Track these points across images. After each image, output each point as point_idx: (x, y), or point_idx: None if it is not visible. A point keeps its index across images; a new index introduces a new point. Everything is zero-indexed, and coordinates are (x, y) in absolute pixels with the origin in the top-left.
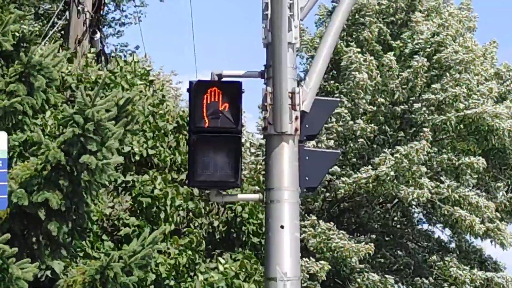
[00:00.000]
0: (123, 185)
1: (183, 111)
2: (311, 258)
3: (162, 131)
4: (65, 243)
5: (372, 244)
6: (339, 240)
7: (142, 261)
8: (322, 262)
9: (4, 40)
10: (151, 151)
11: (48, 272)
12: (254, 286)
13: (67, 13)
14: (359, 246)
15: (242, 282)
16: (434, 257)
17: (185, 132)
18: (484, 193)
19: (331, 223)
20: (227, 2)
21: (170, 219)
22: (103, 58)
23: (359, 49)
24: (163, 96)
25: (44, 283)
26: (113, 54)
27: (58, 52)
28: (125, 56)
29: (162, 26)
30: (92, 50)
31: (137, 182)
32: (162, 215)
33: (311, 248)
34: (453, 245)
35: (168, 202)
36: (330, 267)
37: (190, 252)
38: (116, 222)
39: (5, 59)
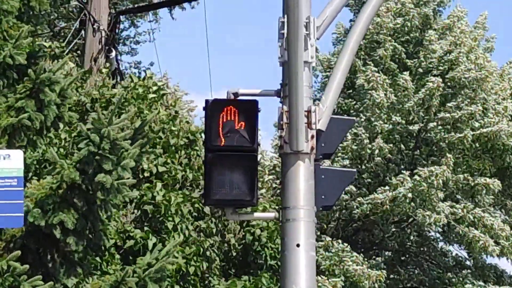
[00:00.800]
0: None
1: (195, 127)
2: (322, 276)
3: (173, 148)
4: (80, 262)
5: (384, 271)
6: (352, 263)
7: (156, 274)
8: (334, 279)
9: (16, 53)
10: (161, 168)
11: None
12: None
13: (82, 31)
14: (371, 272)
15: None
16: (449, 274)
17: (197, 148)
18: (499, 212)
19: (345, 244)
20: (243, 19)
21: (179, 228)
22: (118, 76)
23: (376, 68)
24: (176, 112)
25: None
26: (127, 71)
27: (71, 69)
28: (139, 73)
29: (177, 45)
30: (107, 67)
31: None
32: (170, 226)
33: (325, 270)
34: (468, 262)
35: (173, 209)
36: (342, 284)
37: (197, 262)
38: (122, 235)
39: (18, 74)
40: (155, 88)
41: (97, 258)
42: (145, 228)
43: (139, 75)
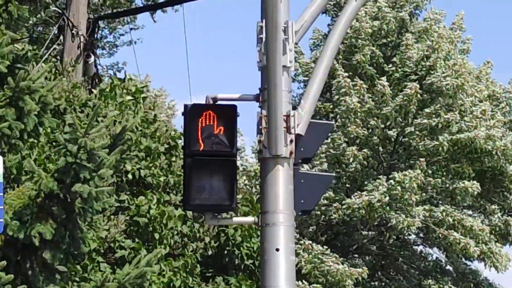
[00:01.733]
0: (118, 205)
1: (175, 131)
2: (304, 281)
3: (155, 153)
4: (59, 270)
5: (365, 268)
6: (332, 264)
7: (136, 280)
8: (316, 285)
9: None
10: (143, 172)
11: None
12: None
13: (61, 37)
14: (352, 270)
15: None
16: (430, 280)
17: (177, 154)
18: (478, 215)
19: (325, 247)
20: (221, 25)
21: (165, 241)
22: (97, 80)
23: (346, 74)
24: (155, 115)
25: None
26: (107, 74)
27: (50, 74)
28: (115, 74)
29: (156, 49)
30: (73, 65)
31: (132, 203)
32: (157, 236)
33: (305, 273)
34: (449, 267)
35: (164, 222)
36: None
37: (184, 275)
38: (111, 244)
39: (0, 82)
40: (133, 89)
41: (78, 266)
42: (136, 240)
43: (119, 78)
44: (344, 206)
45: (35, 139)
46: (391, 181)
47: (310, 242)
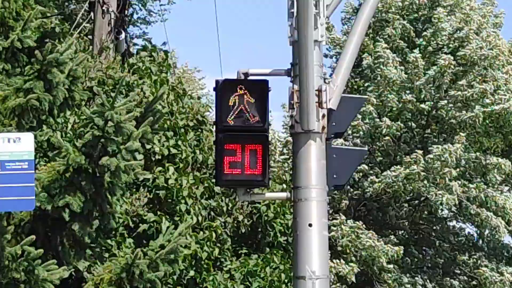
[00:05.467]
0: (143, 182)
1: (203, 107)
2: (340, 260)
3: (182, 130)
4: (90, 244)
5: (402, 247)
6: (369, 240)
7: (168, 255)
8: (351, 264)
9: (25, 37)
10: (173, 150)
11: (72, 271)
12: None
13: (92, 14)
14: (388, 248)
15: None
16: (464, 257)
17: (206, 129)
18: (509, 192)
19: (360, 222)
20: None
21: (192, 211)
22: (127, 57)
23: (386, 45)
24: (184, 90)
25: (70, 283)
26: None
27: (80, 51)
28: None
29: (188, 25)
30: (108, 46)
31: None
32: (183, 208)
33: (339, 248)
34: (481, 241)
35: (185, 193)
36: (359, 269)
37: (210, 248)
38: (135, 219)
39: (29, 56)
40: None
41: (108, 241)
42: (158, 212)
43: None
44: (380, 179)
45: (65, 113)
46: (430, 155)
47: (345, 218)
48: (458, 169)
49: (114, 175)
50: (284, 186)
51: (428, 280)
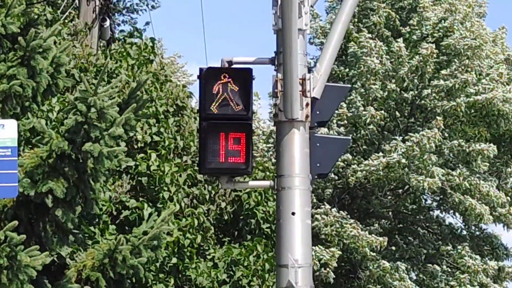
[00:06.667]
0: (125, 169)
1: (183, 91)
2: (320, 246)
3: (163, 116)
4: (73, 230)
5: (386, 238)
6: (353, 229)
7: (151, 242)
8: (332, 249)
9: (9, 22)
10: (156, 138)
11: (55, 257)
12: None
13: (76, 0)
14: (372, 238)
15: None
16: (447, 247)
17: (186, 114)
18: (495, 179)
19: (344, 212)
20: None
21: (175, 198)
22: (112, 45)
23: (370, 35)
24: (166, 76)
25: (52, 269)
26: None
27: (63, 36)
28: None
29: (172, 14)
30: (98, 38)
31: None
32: (166, 195)
33: (323, 236)
34: (464, 232)
35: (168, 180)
36: (340, 253)
37: (193, 235)
38: (118, 205)
39: (12, 43)
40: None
41: (91, 228)
42: (141, 199)
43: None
44: (361, 168)
45: (50, 100)
46: (408, 142)
47: (329, 207)
48: (440, 157)
49: (97, 161)
50: (268, 173)
51: (411, 267)
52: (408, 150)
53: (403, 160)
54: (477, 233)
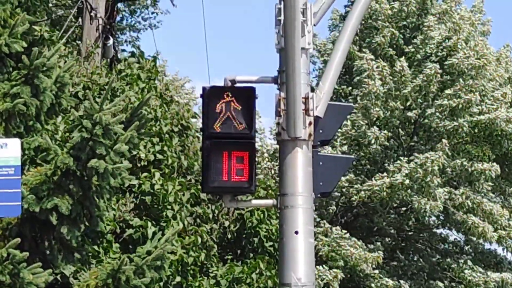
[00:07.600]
0: (129, 188)
1: (188, 111)
2: (324, 266)
3: (167, 135)
4: (77, 248)
5: (381, 253)
6: (349, 248)
7: (154, 262)
8: (335, 270)
9: (12, 41)
10: (159, 156)
11: (58, 276)
12: None
13: (80, 19)
14: (368, 255)
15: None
16: (449, 259)
17: (191, 134)
18: (498, 199)
19: (344, 230)
20: (239, 7)
21: (179, 216)
22: (116, 63)
23: (372, 56)
24: (171, 97)
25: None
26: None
27: (67, 54)
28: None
29: (176, 35)
30: (101, 57)
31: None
32: (170, 214)
33: (323, 257)
34: (467, 247)
35: (171, 198)
36: (343, 276)
37: (196, 253)
38: (122, 224)
39: (16, 62)
40: (151, 66)
41: (95, 247)
42: (144, 218)
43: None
44: (365, 188)
45: (53, 124)
46: (412, 163)
47: (330, 226)
48: (444, 176)
49: (102, 177)
50: (270, 191)
51: (414, 284)
52: (412, 172)
53: (407, 181)
54: (481, 246)
